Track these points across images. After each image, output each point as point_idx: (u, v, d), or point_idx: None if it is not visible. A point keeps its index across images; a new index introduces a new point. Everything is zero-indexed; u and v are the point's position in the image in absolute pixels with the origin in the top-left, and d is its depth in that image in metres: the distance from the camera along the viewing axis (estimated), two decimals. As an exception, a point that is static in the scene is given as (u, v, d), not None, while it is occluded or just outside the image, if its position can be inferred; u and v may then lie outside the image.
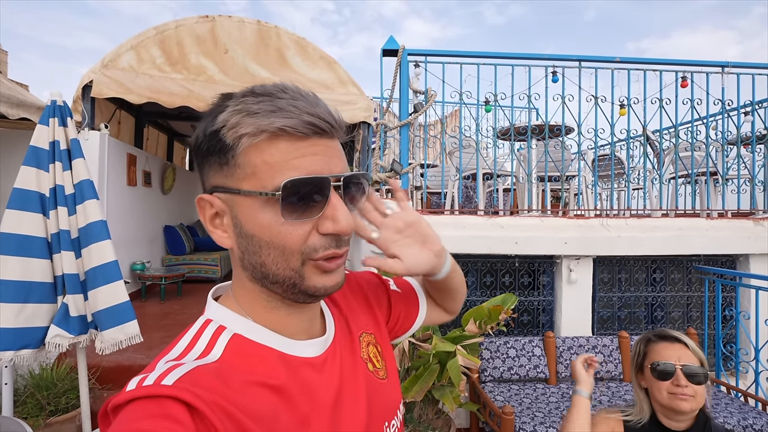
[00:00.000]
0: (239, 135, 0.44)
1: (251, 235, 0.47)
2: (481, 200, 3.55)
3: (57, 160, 2.04)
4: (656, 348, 1.23)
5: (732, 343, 3.01)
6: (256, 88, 0.47)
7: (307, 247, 0.46)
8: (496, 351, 2.77)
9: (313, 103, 0.46)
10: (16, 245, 1.93)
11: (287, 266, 0.46)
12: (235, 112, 0.45)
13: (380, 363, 0.62)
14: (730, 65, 3.27)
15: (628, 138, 3.33)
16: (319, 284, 0.48)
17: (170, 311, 4.31)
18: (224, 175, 0.47)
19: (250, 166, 0.45)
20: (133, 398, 0.39)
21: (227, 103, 0.46)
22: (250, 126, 0.44)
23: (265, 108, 0.44)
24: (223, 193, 0.47)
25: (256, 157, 0.45)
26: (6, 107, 2.90)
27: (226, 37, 3.91)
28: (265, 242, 0.46)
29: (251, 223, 0.46)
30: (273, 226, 0.45)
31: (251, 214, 0.46)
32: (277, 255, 0.46)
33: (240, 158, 0.45)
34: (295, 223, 0.45)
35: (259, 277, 0.48)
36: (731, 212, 3.39)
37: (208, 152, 0.47)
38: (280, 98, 0.45)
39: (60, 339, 2.00)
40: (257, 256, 0.47)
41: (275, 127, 0.44)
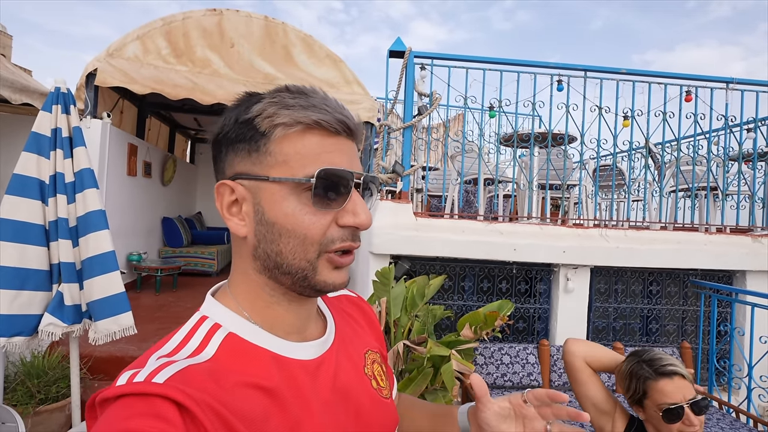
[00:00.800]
0: (275, 124, 0.47)
1: (273, 222, 0.47)
2: (482, 205, 3.55)
3: (58, 147, 2.03)
4: (657, 386, 1.17)
5: (726, 358, 3.01)
6: (290, 86, 0.50)
7: (325, 238, 0.48)
8: (491, 357, 2.77)
9: (341, 105, 0.50)
10: (13, 231, 1.91)
11: (304, 257, 0.48)
12: (272, 104, 0.47)
13: (384, 382, 0.62)
14: (734, 81, 3.28)
15: (630, 149, 3.34)
16: (329, 279, 0.49)
17: (165, 303, 4.29)
18: (252, 162, 0.48)
19: (282, 155, 0.47)
20: (122, 394, 0.39)
21: (261, 96, 0.49)
22: (286, 117, 0.47)
23: (300, 103, 0.47)
24: (248, 180, 0.48)
25: (288, 147, 0.47)
26: (9, 92, 2.88)
27: (232, 31, 3.91)
28: (286, 230, 0.47)
29: (275, 211, 0.47)
30: (297, 215, 0.47)
31: (276, 201, 0.47)
32: (297, 244, 0.47)
33: (272, 146, 0.47)
34: (319, 213, 0.47)
35: (271, 266, 0.49)
36: (730, 228, 3.40)
37: (236, 139, 0.49)
38: (312, 97, 0.48)
39: (53, 327, 1.99)
40: (275, 244, 0.48)
41: (311, 120, 0.47)
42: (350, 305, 0.69)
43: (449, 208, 3.86)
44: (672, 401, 1.13)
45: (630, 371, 1.24)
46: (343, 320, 0.63)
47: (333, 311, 0.63)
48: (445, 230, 2.91)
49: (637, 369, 1.22)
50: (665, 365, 1.18)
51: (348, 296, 0.72)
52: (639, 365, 1.22)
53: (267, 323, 0.51)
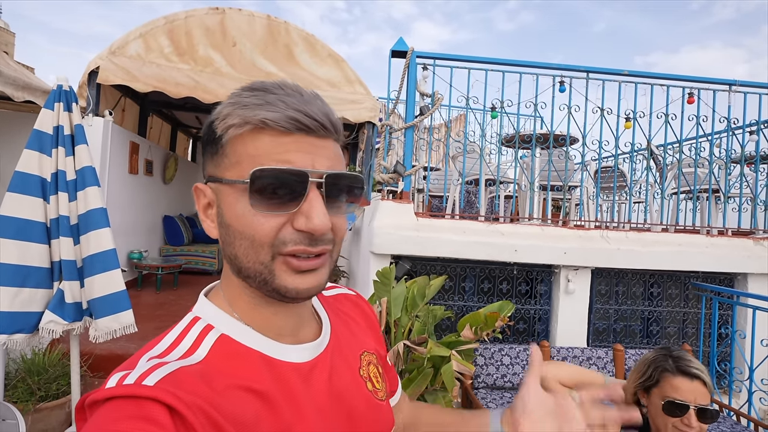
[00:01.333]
0: (228, 125, 0.46)
1: (228, 224, 0.47)
2: (483, 206, 3.55)
3: (60, 145, 2.03)
4: (673, 382, 1.16)
5: (726, 361, 3.01)
6: (255, 83, 0.48)
7: (277, 240, 0.45)
8: (491, 358, 2.76)
9: (306, 101, 0.46)
10: (14, 229, 1.92)
11: (256, 259, 0.46)
12: (229, 104, 0.47)
13: (380, 384, 0.61)
14: (737, 83, 3.27)
15: (632, 151, 3.33)
16: (290, 285, 0.46)
17: (165, 302, 4.30)
18: (215, 165, 0.48)
19: (235, 156, 0.46)
20: (112, 396, 0.38)
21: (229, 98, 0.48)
22: (237, 117, 0.45)
23: (254, 101, 0.45)
24: (213, 183, 0.49)
25: (240, 148, 0.46)
26: (11, 89, 2.88)
27: (235, 30, 3.91)
28: (238, 232, 0.46)
29: (230, 213, 0.47)
30: (246, 216, 0.45)
31: (231, 203, 0.47)
32: (247, 246, 0.46)
33: (227, 148, 0.47)
34: (267, 215, 0.45)
35: (236, 270, 0.48)
36: (731, 230, 3.39)
37: (206, 142, 0.49)
38: (272, 93, 0.46)
39: (54, 325, 1.99)
40: (232, 247, 0.47)
41: (258, 119, 0.44)
42: (349, 304, 0.69)
43: (450, 208, 3.85)
44: (681, 399, 1.13)
45: (653, 359, 1.25)
46: (339, 321, 0.62)
47: (329, 312, 0.62)
48: (446, 231, 2.91)
49: (661, 360, 1.23)
50: (690, 366, 1.18)
51: (346, 295, 0.71)
52: (665, 357, 1.23)
53: (257, 325, 0.50)
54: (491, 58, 3.15)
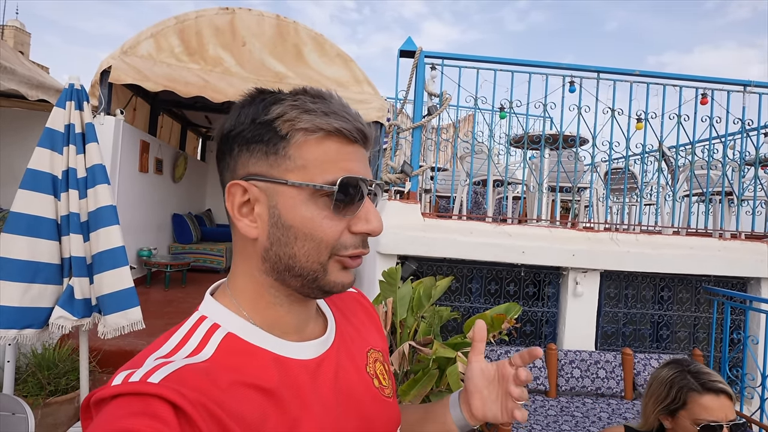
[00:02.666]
0: (296, 128, 0.47)
1: (289, 225, 0.47)
2: (490, 207, 3.53)
3: (71, 143, 2.06)
4: (701, 401, 1.12)
5: (738, 367, 2.95)
6: (308, 88, 0.50)
7: (338, 244, 0.48)
8: (497, 360, 2.74)
9: (357, 114, 0.50)
10: (26, 225, 1.95)
11: (317, 259, 0.48)
12: (293, 107, 0.47)
13: (386, 381, 0.62)
14: (752, 84, 3.21)
15: (643, 152, 3.28)
16: (338, 280, 0.50)
17: (174, 299, 4.34)
18: (269, 165, 0.48)
19: (301, 159, 0.47)
20: (118, 394, 0.39)
21: (278, 97, 0.48)
22: (307, 122, 0.47)
23: (321, 108, 0.47)
24: (263, 182, 0.48)
25: (308, 152, 0.47)
26: (26, 88, 2.93)
27: (244, 29, 3.93)
28: (302, 234, 0.47)
29: (292, 214, 0.47)
30: (315, 219, 0.47)
31: (294, 205, 0.47)
32: (312, 248, 0.48)
33: (292, 150, 0.47)
34: (335, 218, 0.48)
35: (281, 269, 0.49)
36: (745, 234, 3.32)
37: (252, 140, 0.48)
38: (331, 102, 0.49)
39: (63, 321, 2.02)
40: (289, 247, 0.48)
41: (333, 128, 0.47)
42: (352, 302, 0.69)
43: (458, 209, 3.84)
44: (713, 419, 1.09)
45: (672, 379, 1.19)
46: (344, 318, 0.63)
47: (334, 310, 0.62)
48: (453, 231, 2.90)
49: (681, 378, 1.17)
50: (715, 381, 1.14)
51: (350, 293, 0.71)
52: (683, 375, 1.18)
53: (266, 323, 0.50)
54: (500, 58, 3.12)
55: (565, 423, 2.41)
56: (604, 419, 2.50)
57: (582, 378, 2.75)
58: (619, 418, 2.52)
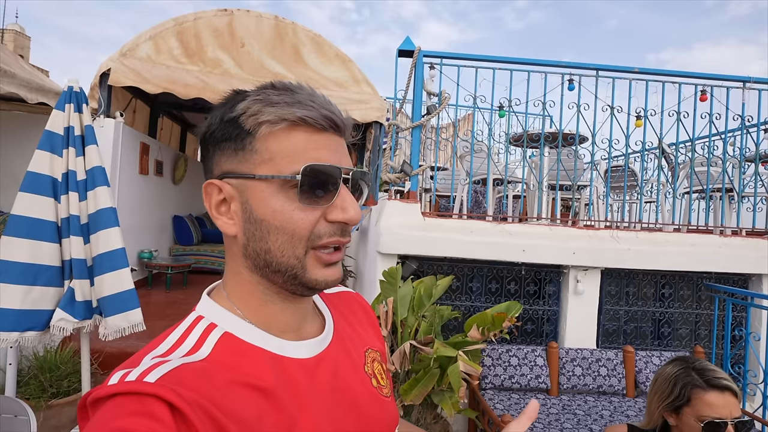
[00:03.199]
0: (259, 122, 0.46)
1: (261, 219, 0.47)
2: (490, 206, 3.53)
3: (71, 145, 2.06)
4: (705, 398, 1.11)
5: (740, 364, 2.95)
6: (275, 82, 0.49)
7: (313, 234, 0.47)
8: (498, 359, 2.74)
9: (328, 101, 0.50)
10: (26, 228, 1.95)
11: (292, 254, 0.47)
12: (257, 101, 0.47)
13: (384, 381, 0.62)
14: (751, 80, 3.20)
15: (642, 150, 3.28)
16: (320, 277, 0.49)
17: (175, 300, 4.34)
18: (238, 161, 0.48)
19: (267, 152, 0.47)
20: (114, 393, 0.39)
21: (246, 94, 0.49)
22: (270, 114, 0.46)
23: (285, 100, 0.47)
24: (235, 179, 0.48)
25: (274, 144, 0.47)
26: (25, 91, 2.94)
27: (243, 31, 3.93)
28: (274, 227, 0.47)
29: (263, 208, 0.47)
30: (285, 211, 0.47)
31: (263, 198, 0.47)
32: (285, 241, 0.47)
33: (258, 144, 0.47)
34: (307, 209, 0.47)
35: (261, 265, 0.49)
36: (746, 230, 3.32)
37: (222, 138, 0.49)
38: (298, 93, 0.48)
39: (65, 323, 2.02)
40: (263, 242, 0.48)
41: (296, 117, 0.46)
42: (351, 302, 0.69)
43: (458, 208, 3.83)
44: (717, 416, 1.09)
45: (676, 376, 1.19)
46: (342, 318, 0.62)
47: (332, 309, 0.62)
48: (454, 230, 2.89)
49: (685, 375, 1.17)
50: (719, 378, 1.13)
51: (348, 293, 0.71)
52: (687, 371, 1.17)
53: (262, 322, 0.50)
54: (499, 57, 3.12)
55: (567, 421, 2.40)
56: (606, 417, 2.49)
57: (583, 376, 2.75)
58: (621, 416, 2.51)
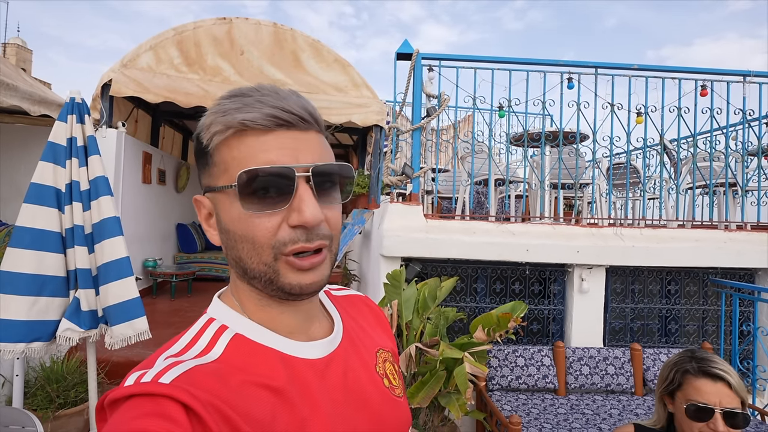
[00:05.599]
0: (212, 133, 0.47)
1: (228, 230, 0.48)
2: (493, 206, 3.52)
3: (74, 156, 2.08)
4: (696, 384, 1.12)
5: (749, 359, 2.92)
6: (233, 90, 0.49)
7: (276, 241, 0.46)
8: (505, 359, 2.73)
9: (282, 97, 0.47)
10: (31, 239, 1.96)
11: (260, 260, 0.47)
12: (211, 114, 0.47)
13: (396, 381, 0.62)
14: (752, 74, 3.19)
15: (644, 146, 3.27)
16: (294, 281, 0.47)
17: (180, 308, 4.35)
18: (208, 175, 0.49)
19: (223, 163, 0.47)
20: (130, 395, 0.39)
21: (210, 108, 0.49)
22: (219, 124, 0.46)
23: (233, 106, 0.46)
24: (209, 192, 0.50)
25: (226, 154, 0.47)
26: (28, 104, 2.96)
27: (242, 38, 3.96)
28: (238, 236, 0.47)
29: (227, 218, 0.48)
30: (243, 219, 0.46)
31: (226, 209, 0.48)
32: (250, 248, 0.47)
33: (215, 156, 0.48)
34: (262, 215, 0.46)
35: (241, 273, 0.49)
36: (750, 225, 3.30)
37: (197, 155, 0.51)
38: (249, 96, 0.47)
39: (71, 333, 2.03)
40: (235, 250, 0.48)
41: (237, 122, 0.45)
42: (360, 305, 0.69)
43: (460, 209, 3.83)
44: (704, 401, 1.09)
45: (676, 362, 1.20)
46: (352, 320, 0.63)
47: (341, 311, 0.62)
48: (456, 232, 2.89)
49: (684, 362, 1.18)
50: (714, 367, 1.13)
51: (357, 296, 0.71)
52: (687, 359, 1.18)
53: (267, 324, 0.51)
54: (497, 57, 3.13)
55: (575, 421, 2.39)
56: (614, 416, 2.47)
57: (591, 375, 2.73)
58: (629, 415, 2.49)
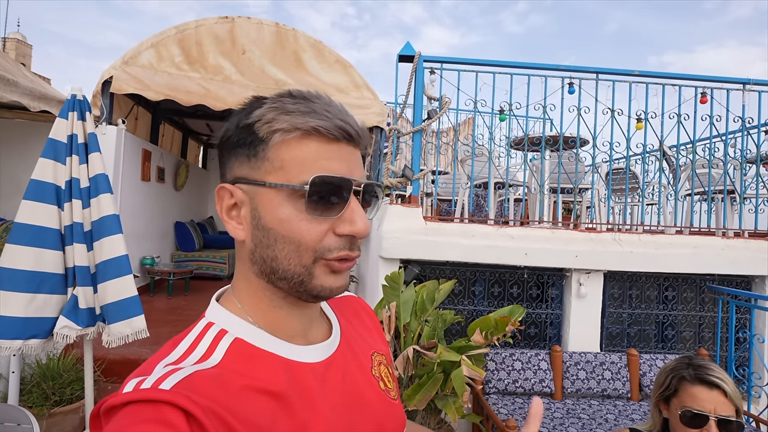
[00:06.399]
0: (273, 129, 0.47)
1: (269, 228, 0.48)
2: (492, 209, 3.53)
3: (74, 153, 2.07)
4: (691, 390, 1.11)
5: (745, 366, 2.93)
6: (293, 91, 0.49)
7: (322, 247, 0.47)
8: (502, 363, 2.73)
9: (344, 111, 0.49)
10: (30, 236, 1.96)
11: (299, 262, 0.47)
12: (272, 109, 0.47)
13: (391, 383, 0.62)
14: (751, 82, 3.21)
15: (644, 152, 3.28)
16: (326, 284, 0.48)
17: (177, 306, 4.34)
18: (251, 167, 0.48)
19: (278, 161, 0.47)
20: (129, 401, 0.39)
21: (264, 101, 0.49)
22: (285, 123, 0.46)
23: (300, 109, 0.47)
24: (247, 185, 0.49)
25: (286, 153, 0.47)
26: (28, 100, 2.95)
27: (244, 38, 3.96)
28: (281, 236, 0.47)
29: (270, 216, 0.47)
30: (293, 221, 0.46)
31: (272, 207, 0.47)
32: (291, 250, 0.47)
33: (270, 152, 0.47)
34: (314, 220, 0.46)
35: (267, 271, 0.49)
36: (748, 232, 3.31)
37: (237, 144, 0.49)
38: (314, 102, 0.48)
39: (68, 330, 2.02)
40: (270, 249, 0.48)
41: (309, 126, 0.46)
42: (355, 306, 0.69)
43: (459, 212, 3.84)
44: (699, 408, 1.08)
45: (672, 368, 1.20)
46: (348, 322, 0.63)
47: (337, 313, 0.62)
48: (456, 234, 2.90)
49: (680, 368, 1.18)
50: (710, 374, 1.12)
51: (351, 297, 0.71)
52: (684, 366, 1.18)
53: (270, 327, 0.51)
54: (499, 61, 3.14)
55: (571, 425, 2.39)
56: (611, 421, 2.48)
57: (588, 380, 2.74)
58: (626, 420, 2.50)
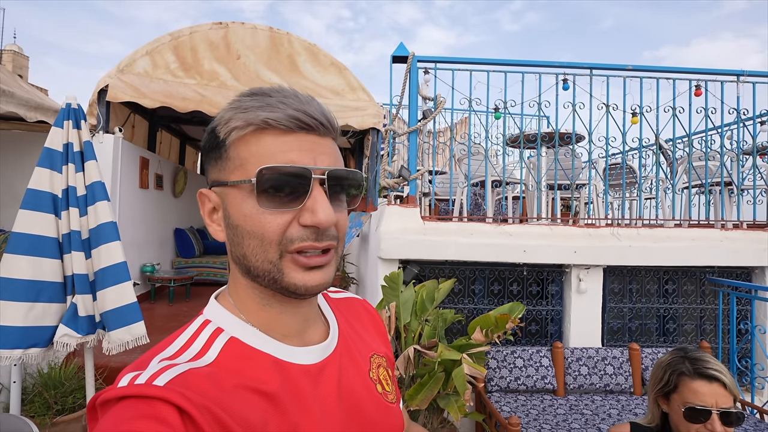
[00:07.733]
0: (230, 128, 0.47)
1: (236, 225, 0.48)
2: (490, 208, 3.53)
3: (70, 161, 2.08)
4: (691, 385, 1.12)
5: (747, 357, 2.93)
6: (254, 89, 0.50)
7: (284, 238, 0.47)
8: (503, 360, 2.73)
9: (304, 101, 0.48)
10: (28, 245, 1.96)
11: (265, 258, 0.47)
12: (230, 109, 0.48)
13: (390, 386, 0.62)
14: (745, 74, 3.22)
15: (640, 147, 3.29)
16: (299, 281, 0.47)
17: (178, 313, 4.34)
18: (219, 169, 0.50)
19: (239, 159, 0.48)
20: (123, 396, 0.39)
21: (227, 104, 0.50)
22: (239, 120, 0.47)
23: (255, 104, 0.47)
24: (218, 187, 0.50)
25: (244, 150, 0.47)
26: (24, 110, 2.96)
27: (238, 43, 3.97)
28: (246, 232, 0.47)
29: (236, 214, 0.48)
30: (254, 215, 0.47)
31: (236, 204, 0.48)
32: (256, 245, 0.47)
33: (231, 151, 0.48)
34: (275, 213, 0.46)
35: (244, 270, 0.49)
36: (746, 223, 3.31)
37: (208, 149, 0.51)
38: (271, 96, 0.48)
39: (68, 338, 2.02)
40: (240, 247, 0.48)
41: (260, 120, 0.46)
42: (358, 308, 0.69)
43: (457, 211, 3.84)
44: (701, 403, 1.09)
45: (669, 362, 1.20)
46: (347, 324, 0.62)
47: (337, 314, 0.62)
48: (454, 233, 2.90)
49: (677, 362, 1.18)
50: (708, 367, 1.13)
51: (355, 298, 0.71)
52: (680, 359, 1.18)
53: (263, 325, 0.51)
54: (493, 59, 3.15)
55: (574, 421, 2.39)
56: (614, 416, 2.48)
57: (590, 375, 2.73)
58: (629, 414, 2.49)
